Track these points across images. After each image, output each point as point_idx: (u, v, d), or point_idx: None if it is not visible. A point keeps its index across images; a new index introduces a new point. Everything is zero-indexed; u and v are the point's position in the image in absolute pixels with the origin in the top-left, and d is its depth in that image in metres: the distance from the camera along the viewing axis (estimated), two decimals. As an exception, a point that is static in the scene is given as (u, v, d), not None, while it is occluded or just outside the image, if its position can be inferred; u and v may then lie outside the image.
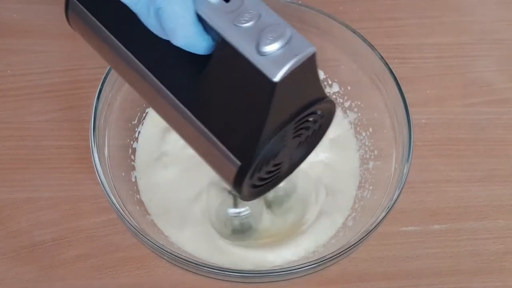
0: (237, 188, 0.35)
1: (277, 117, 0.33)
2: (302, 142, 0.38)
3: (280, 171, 0.38)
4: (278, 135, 0.34)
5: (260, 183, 0.37)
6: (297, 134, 0.36)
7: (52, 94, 0.59)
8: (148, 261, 0.52)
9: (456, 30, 0.66)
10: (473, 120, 0.61)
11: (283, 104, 0.33)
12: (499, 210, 0.56)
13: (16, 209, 0.54)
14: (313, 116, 0.36)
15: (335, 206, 0.52)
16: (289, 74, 0.31)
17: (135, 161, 0.54)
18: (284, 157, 0.37)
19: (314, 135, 0.38)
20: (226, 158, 0.34)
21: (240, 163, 0.34)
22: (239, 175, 0.34)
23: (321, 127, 0.38)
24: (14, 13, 0.64)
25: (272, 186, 0.39)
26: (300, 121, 0.35)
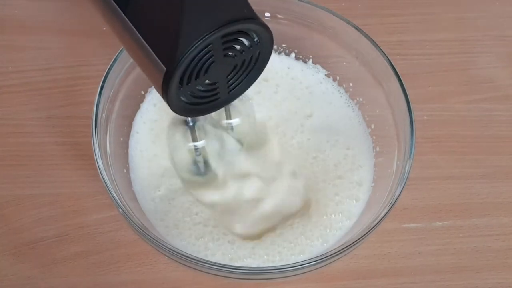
0: (164, 95, 0.37)
1: (197, 25, 0.34)
2: (239, 67, 0.39)
3: (218, 95, 0.40)
4: (200, 44, 0.35)
5: (196, 101, 0.39)
6: (227, 52, 0.37)
7: (53, 91, 0.59)
8: (149, 257, 0.52)
9: (458, 26, 0.66)
10: (476, 116, 0.60)
11: (200, 10, 0.34)
12: (502, 207, 0.56)
13: (17, 205, 0.54)
14: (246, 38, 0.37)
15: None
16: None
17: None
18: (218, 77, 0.38)
19: (254, 64, 0.40)
20: (154, 63, 0.36)
21: (165, 68, 0.35)
22: (165, 81, 0.36)
23: (259, 55, 0.40)
24: (16, 9, 0.64)
25: (211, 109, 0.41)
26: (226, 36, 0.36)
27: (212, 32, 0.35)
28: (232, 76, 0.40)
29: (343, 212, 0.51)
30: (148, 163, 0.53)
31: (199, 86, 0.38)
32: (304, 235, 0.50)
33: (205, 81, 0.38)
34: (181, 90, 0.37)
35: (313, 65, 0.58)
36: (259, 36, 0.38)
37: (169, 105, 0.38)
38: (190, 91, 0.38)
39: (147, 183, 0.52)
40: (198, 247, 0.49)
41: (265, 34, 0.38)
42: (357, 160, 0.53)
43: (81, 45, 0.62)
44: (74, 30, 0.63)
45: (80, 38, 0.62)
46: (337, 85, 0.57)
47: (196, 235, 0.49)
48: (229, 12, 0.35)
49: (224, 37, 0.36)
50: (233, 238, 0.49)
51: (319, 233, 0.50)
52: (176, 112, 0.39)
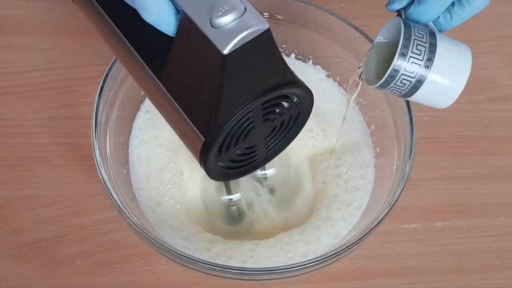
0: (203, 165, 0.36)
1: (236, 93, 0.33)
2: (278, 128, 0.38)
3: (257, 157, 0.39)
4: (241, 114, 0.34)
5: (233, 165, 0.37)
6: (268, 117, 0.36)
7: (53, 91, 0.59)
8: (150, 258, 0.52)
9: (459, 26, 0.66)
10: (476, 117, 0.60)
11: (239, 79, 0.33)
12: (502, 208, 0.56)
13: (18, 206, 0.54)
14: (286, 100, 0.36)
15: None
16: (239, 47, 0.31)
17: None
18: (256, 141, 0.37)
19: (292, 124, 0.39)
20: (193, 132, 0.35)
21: (204, 138, 0.34)
22: (204, 151, 0.35)
23: (299, 115, 0.38)
24: (15, 10, 0.64)
25: (249, 170, 0.39)
26: (268, 103, 0.35)
27: (252, 102, 0.34)
28: (271, 137, 0.39)
29: (343, 212, 0.51)
30: (148, 164, 0.53)
31: (238, 151, 0.37)
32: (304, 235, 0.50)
33: (244, 146, 0.37)
34: (219, 158, 0.36)
35: (313, 66, 0.58)
36: (299, 98, 0.37)
37: (207, 173, 0.37)
38: (228, 157, 0.36)
39: (147, 184, 0.52)
40: (198, 248, 0.49)
41: (306, 96, 0.37)
42: (357, 161, 0.53)
43: (81, 46, 0.62)
44: (74, 31, 0.63)
45: (80, 39, 0.62)
46: (337, 85, 0.57)
47: (196, 235, 0.49)
48: (269, 78, 0.34)
49: (264, 103, 0.35)
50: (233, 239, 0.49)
51: (319, 233, 0.50)
52: (215, 179, 0.38)
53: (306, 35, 0.56)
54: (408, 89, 0.40)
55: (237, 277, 0.44)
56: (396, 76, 0.39)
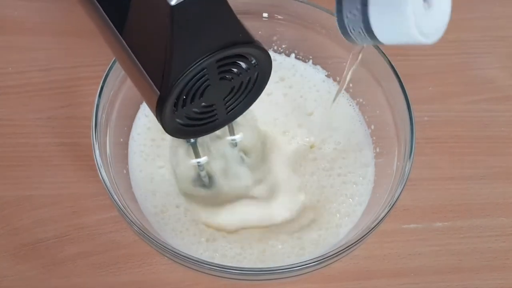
0: (159, 118, 0.36)
1: (188, 48, 0.34)
2: (237, 89, 0.39)
3: (216, 117, 0.39)
4: (193, 69, 0.34)
5: (191, 123, 0.38)
6: (223, 75, 0.37)
7: (53, 92, 0.59)
8: (150, 258, 0.52)
9: (459, 27, 0.66)
10: (476, 117, 0.60)
11: (190, 34, 0.33)
12: (502, 208, 0.56)
13: (17, 206, 0.54)
14: (243, 61, 0.37)
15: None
16: (187, 1, 0.32)
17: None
18: (214, 100, 0.38)
19: (252, 86, 0.39)
20: (150, 87, 0.35)
21: (159, 92, 0.35)
22: (159, 105, 0.35)
23: (258, 77, 0.39)
24: (15, 11, 0.64)
25: (208, 130, 0.40)
26: (222, 60, 0.36)
27: (205, 58, 0.34)
28: (230, 98, 0.39)
29: (343, 212, 0.51)
30: (148, 164, 0.53)
31: (195, 109, 0.38)
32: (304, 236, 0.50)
33: (201, 104, 0.37)
34: (176, 114, 0.37)
35: (313, 66, 0.58)
36: (257, 59, 0.37)
37: (163, 127, 0.37)
38: (185, 114, 0.37)
39: (147, 184, 0.52)
40: (198, 248, 0.49)
41: (263, 57, 0.38)
42: (357, 161, 0.53)
43: (81, 46, 0.62)
44: (74, 31, 0.63)
45: (80, 39, 0.62)
46: (337, 85, 0.57)
47: (196, 235, 0.49)
48: (223, 36, 0.35)
49: (219, 61, 0.36)
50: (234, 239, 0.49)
51: (319, 233, 0.50)
52: (171, 134, 0.39)
53: (306, 35, 0.56)
54: (362, 21, 0.37)
55: (236, 277, 0.44)
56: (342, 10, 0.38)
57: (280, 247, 0.49)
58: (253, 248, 0.49)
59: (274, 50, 0.59)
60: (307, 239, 0.49)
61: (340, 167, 0.53)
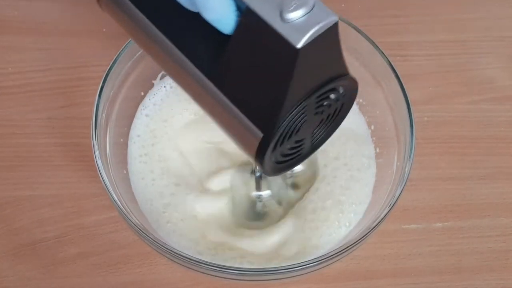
0: (259, 161, 0.36)
1: (299, 87, 0.33)
2: (324, 120, 0.38)
3: (302, 149, 0.39)
4: (299, 107, 0.34)
5: (283, 159, 0.37)
6: (318, 110, 0.36)
7: (53, 92, 0.59)
8: (149, 258, 0.52)
9: (458, 27, 0.66)
10: (476, 117, 0.60)
11: (305, 74, 0.33)
12: (502, 208, 0.56)
13: (17, 206, 0.54)
14: (335, 93, 0.36)
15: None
16: (311, 41, 0.31)
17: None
18: (305, 134, 0.37)
19: (336, 115, 0.39)
20: (249, 129, 0.34)
21: (262, 134, 0.34)
22: (262, 147, 0.34)
23: (342, 106, 0.38)
24: (16, 11, 0.64)
25: (294, 164, 0.39)
26: (321, 96, 0.35)
27: (310, 95, 0.34)
28: (318, 129, 0.39)
29: (343, 213, 0.51)
30: (147, 165, 0.53)
31: (289, 145, 0.37)
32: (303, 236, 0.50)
33: (295, 139, 0.37)
34: (273, 153, 0.36)
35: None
36: (346, 89, 0.37)
37: (263, 169, 0.37)
38: (280, 152, 0.37)
39: (146, 185, 0.52)
40: (198, 248, 0.49)
41: (353, 87, 0.37)
42: (357, 161, 0.53)
43: (81, 46, 0.62)
44: (74, 31, 0.63)
45: (80, 39, 0.62)
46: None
47: (195, 236, 0.49)
48: (328, 70, 0.34)
49: (318, 96, 0.35)
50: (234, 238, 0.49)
51: (319, 234, 0.50)
52: (269, 174, 0.38)
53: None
54: None
55: (236, 278, 0.44)
56: None
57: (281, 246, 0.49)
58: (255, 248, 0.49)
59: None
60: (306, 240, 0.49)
61: (340, 168, 0.53)
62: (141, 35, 0.38)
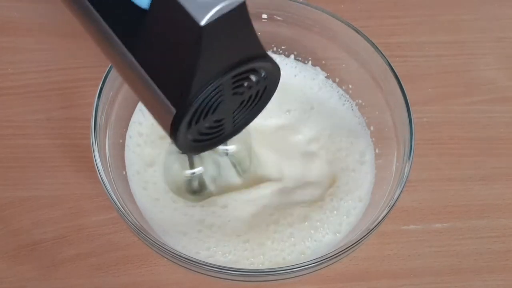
0: (173, 137, 0.36)
1: (209, 66, 0.34)
2: (246, 102, 0.39)
3: (223, 130, 0.39)
4: (212, 86, 0.34)
5: (201, 138, 0.38)
6: (237, 90, 0.37)
7: (53, 93, 0.59)
8: (149, 259, 0.52)
9: (457, 28, 0.66)
10: (475, 118, 0.60)
11: (214, 52, 0.33)
12: (501, 209, 0.56)
13: (16, 207, 0.54)
14: (254, 74, 0.37)
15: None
16: (216, 19, 0.31)
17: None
18: (225, 114, 0.38)
19: (258, 98, 0.39)
20: (163, 104, 0.35)
21: (175, 110, 0.35)
22: (175, 123, 0.35)
23: (265, 89, 0.39)
24: (15, 12, 0.64)
25: (216, 143, 0.40)
26: (237, 76, 0.35)
27: (225, 74, 0.34)
28: (238, 111, 0.39)
29: (342, 213, 0.51)
30: (146, 165, 0.53)
31: (206, 124, 0.37)
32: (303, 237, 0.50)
33: (213, 119, 0.37)
34: (189, 131, 0.36)
35: (313, 67, 0.58)
36: (267, 72, 0.37)
37: (177, 145, 0.37)
38: (197, 130, 0.37)
39: (146, 185, 0.52)
40: (197, 249, 0.49)
41: (274, 71, 0.38)
42: (356, 162, 0.53)
43: (81, 47, 0.62)
44: (73, 32, 0.63)
45: (80, 40, 0.62)
46: (336, 86, 0.57)
47: (195, 236, 0.49)
48: (240, 51, 0.35)
49: (234, 77, 0.35)
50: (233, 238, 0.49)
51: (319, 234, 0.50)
52: (183, 151, 0.39)
53: (306, 36, 0.56)
54: None
55: (236, 279, 0.44)
56: None
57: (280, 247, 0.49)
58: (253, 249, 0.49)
59: (274, 51, 0.59)
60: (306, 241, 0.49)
61: (339, 168, 0.53)
62: (72, 6, 0.39)
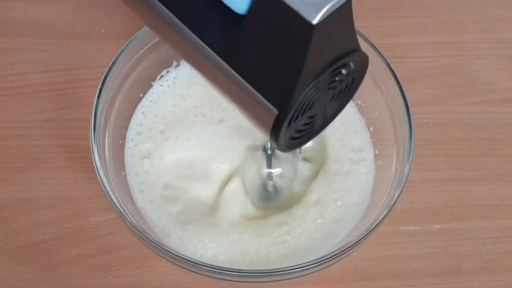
0: (275, 137, 0.36)
1: (314, 64, 0.33)
2: (335, 96, 0.38)
3: (315, 124, 0.39)
4: (313, 84, 0.34)
5: (297, 135, 0.38)
6: (331, 85, 0.36)
7: (52, 93, 0.59)
8: (148, 260, 0.52)
9: (457, 28, 0.66)
10: (475, 119, 0.60)
11: (320, 50, 0.33)
12: (501, 210, 0.56)
13: (16, 208, 0.54)
14: (346, 68, 0.36)
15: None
16: (326, 17, 0.31)
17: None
18: (318, 109, 0.38)
19: (347, 90, 0.39)
20: (264, 107, 0.35)
21: (277, 111, 0.34)
22: (277, 123, 0.35)
23: (353, 82, 0.38)
24: (14, 12, 0.64)
25: (308, 139, 0.40)
26: (334, 71, 0.35)
27: (324, 71, 0.34)
28: (329, 105, 0.39)
29: (342, 214, 0.51)
30: (146, 166, 0.53)
31: (302, 121, 0.37)
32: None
33: (308, 115, 0.37)
34: (288, 129, 0.36)
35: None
36: (357, 64, 0.37)
37: (277, 145, 0.37)
38: (294, 128, 0.37)
39: (145, 186, 0.52)
40: (197, 250, 0.49)
41: (364, 62, 0.37)
42: (356, 162, 0.53)
43: (80, 47, 0.62)
44: (73, 33, 0.63)
45: (79, 41, 0.62)
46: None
47: (195, 237, 0.49)
48: (339, 46, 0.35)
49: (331, 72, 0.35)
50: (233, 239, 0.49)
51: (318, 235, 0.50)
52: (283, 150, 0.39)
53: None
54: None
55: (236, 279, 0.44)
56: None
57: (280, 247, 0.49)
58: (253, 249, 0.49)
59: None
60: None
61: (338, 169, 0.53)
62: (154, 19, 0.38)
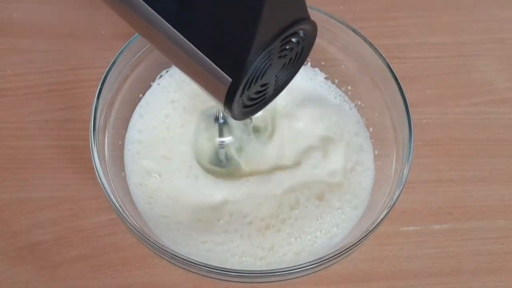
0: (228, 106, 0.36)
1: (266, 30, 0.34)
2: (286, 64, 0.39)
3: (267, 93, 0.39)
4: (266, 51, 0.34)
5: (250, 103, 0.38)
6: (281, 54, 0.37)
7: (52, 94, 0.59)
8: (148, 260, 0.52)
9: (457, 29, 0.66)
10: (474, 120, 0.60)
11: (271, 17, 0.33)
12: (500, 210, 0.56)
13: (16, 208, 0.54)
14: (296, 36, 0.37)
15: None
16: None
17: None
18: (270, 78, 0.38)
19: (297, 59, 0.39)
20: (216, 75, 0.35)
21: (230, 79, 0.35)
22: (230, 92, 0.35)
23: (303, 50, 0.39)
24: (14, 13, 0.64)
25: (260, 107, 0.40)
26: (285, 39, 0.36)
27: (276, 38, 0.34)
28: (280, 73, 0.39)
29: (341, 214, 0.51)
30: (146, 166, 0.53)
31: (254, 90, 0.38)
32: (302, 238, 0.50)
33: (261, 83, 0.38)
34: (241, 97, 0.37)
35: (312, 68, 0.58)
36: (307, 32, 0.38)
37: (231, 114, 0.37)
38: (247, 96, 0.37)
39: (145, 186, 0.52)
40: (196, 250, 0.49)
41: (313, 30, 0.38)
42: (356, 163, 0.53)
43: (80, 48, 0.62)
44: (72, 34, 0.63)
45: (79, 41, 0.62)
46: (335, 87, 0.57)
47: (194, 237, 0.49)
48: (288, 14, 0.35)
49: (282, 40, 0.36)
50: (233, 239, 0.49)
51: (317, 235, 0.50)
52: (237, 119, 0.39)
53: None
54: None
55: (235, 280, 0.44)
56: None
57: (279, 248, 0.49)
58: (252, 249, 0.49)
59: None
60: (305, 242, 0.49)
61: (338, 170, 0.53)
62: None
